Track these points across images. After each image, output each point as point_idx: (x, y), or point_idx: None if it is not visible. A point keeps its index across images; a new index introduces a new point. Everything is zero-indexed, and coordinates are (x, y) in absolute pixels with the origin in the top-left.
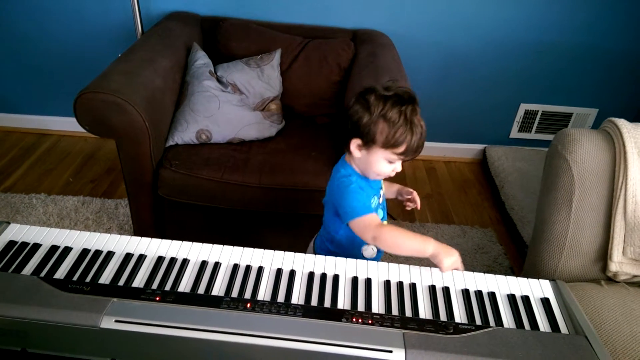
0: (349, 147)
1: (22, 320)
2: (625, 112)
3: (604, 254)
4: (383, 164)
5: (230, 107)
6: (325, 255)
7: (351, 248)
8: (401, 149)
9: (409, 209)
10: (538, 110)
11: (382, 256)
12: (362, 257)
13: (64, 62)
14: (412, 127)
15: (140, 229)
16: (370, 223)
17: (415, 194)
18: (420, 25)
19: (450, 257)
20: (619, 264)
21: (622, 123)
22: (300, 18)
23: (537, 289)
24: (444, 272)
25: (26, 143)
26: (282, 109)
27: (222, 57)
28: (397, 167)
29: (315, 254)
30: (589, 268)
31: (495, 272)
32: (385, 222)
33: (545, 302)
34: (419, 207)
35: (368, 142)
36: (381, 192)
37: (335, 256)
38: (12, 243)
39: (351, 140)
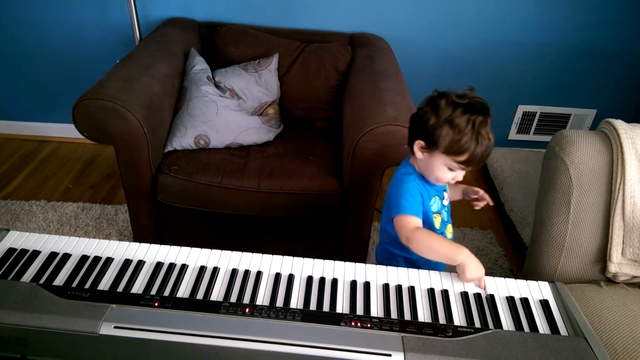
0: (412, 147)
1: (22, 327)
2: (623, 112)
3: (603, 255)
4: (443, 169)
5: (229, 112)
6: (388, 260)
7: None
8: (463, 157)
9: (477, 208)
10: (536, 112)
11: None
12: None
13: (63, 70)
14: (477, 138)
15: (140, 235)
16: (408, 223)
17: (482, 192)
18: (417, 28)
19: (476, 271)
20: (618, 265)
21: (619, 124)
22: (297, 23)
23: (536, 291)
24: (463, 281)
25: (26, 150)
26: (280, 113)
27: (220, 63)
28: (459, 175)
29: (377, 263)
30: (589, 269)
31: (495, 274)
32: (449, 226)
33: (544, 304)
34: (490, 203)
35: (431, 145)
36: (445, 194)
37: (401, 259)
38: (11, 250)
39: (415, 141)
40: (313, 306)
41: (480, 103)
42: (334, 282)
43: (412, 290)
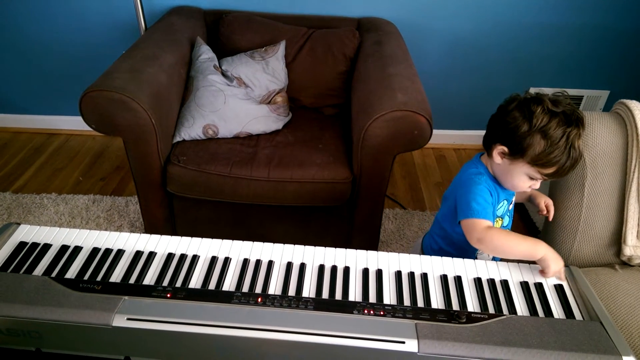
0: (490, 150)
1: (35, 320)
2: (637, 93)
3: (617, 238)
4: (523, 178)
5: (236, 101)
6: (435, 254)
7: (469, 251)
8: (550, 170)
9: (541, 215)
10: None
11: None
12: None
13: (70, 62)
14: (570, 151)
15: (151, 226)
16: (479, 225)
17: (550, 203)
18: (426, 11)
19: (558, 264)
20: (633, 247)
21: (634, 105)
22: (304, 8)
23: None
24: (548, 277)
25: (35, 143)
26: (289, 101)
27: (226, 51)
28: (536, 184)
29: (422, 252)
30: (603, 253)
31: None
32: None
33: (558, 288)
34: (550, 218)
35: (516, 153)
36: (513, 199)
37: (449, 256)
38: (22, 244)
39: (495, 145)
40: (325, 295)
41: (575, 113)
42: (346, 270)
43: (425, 277)
